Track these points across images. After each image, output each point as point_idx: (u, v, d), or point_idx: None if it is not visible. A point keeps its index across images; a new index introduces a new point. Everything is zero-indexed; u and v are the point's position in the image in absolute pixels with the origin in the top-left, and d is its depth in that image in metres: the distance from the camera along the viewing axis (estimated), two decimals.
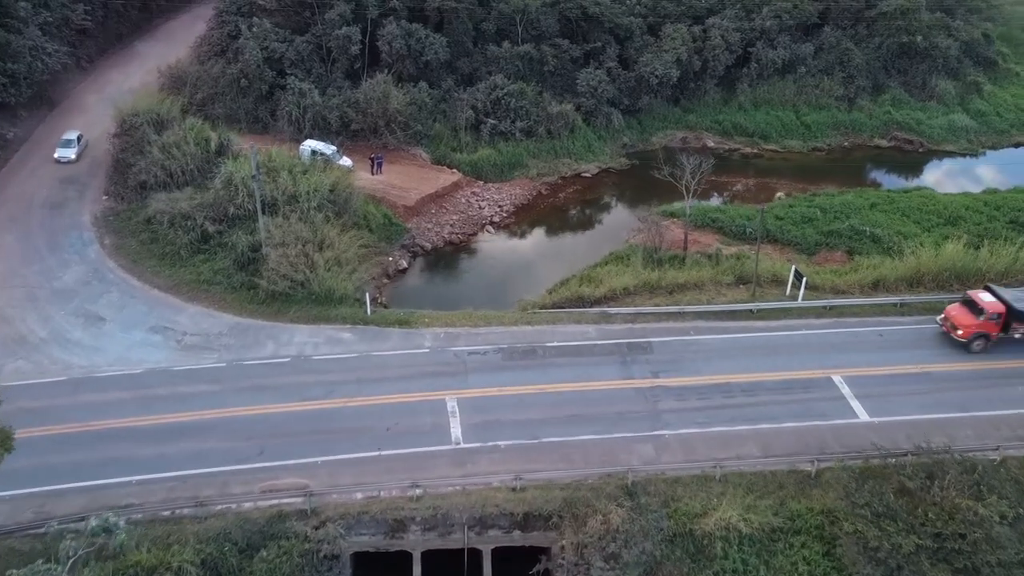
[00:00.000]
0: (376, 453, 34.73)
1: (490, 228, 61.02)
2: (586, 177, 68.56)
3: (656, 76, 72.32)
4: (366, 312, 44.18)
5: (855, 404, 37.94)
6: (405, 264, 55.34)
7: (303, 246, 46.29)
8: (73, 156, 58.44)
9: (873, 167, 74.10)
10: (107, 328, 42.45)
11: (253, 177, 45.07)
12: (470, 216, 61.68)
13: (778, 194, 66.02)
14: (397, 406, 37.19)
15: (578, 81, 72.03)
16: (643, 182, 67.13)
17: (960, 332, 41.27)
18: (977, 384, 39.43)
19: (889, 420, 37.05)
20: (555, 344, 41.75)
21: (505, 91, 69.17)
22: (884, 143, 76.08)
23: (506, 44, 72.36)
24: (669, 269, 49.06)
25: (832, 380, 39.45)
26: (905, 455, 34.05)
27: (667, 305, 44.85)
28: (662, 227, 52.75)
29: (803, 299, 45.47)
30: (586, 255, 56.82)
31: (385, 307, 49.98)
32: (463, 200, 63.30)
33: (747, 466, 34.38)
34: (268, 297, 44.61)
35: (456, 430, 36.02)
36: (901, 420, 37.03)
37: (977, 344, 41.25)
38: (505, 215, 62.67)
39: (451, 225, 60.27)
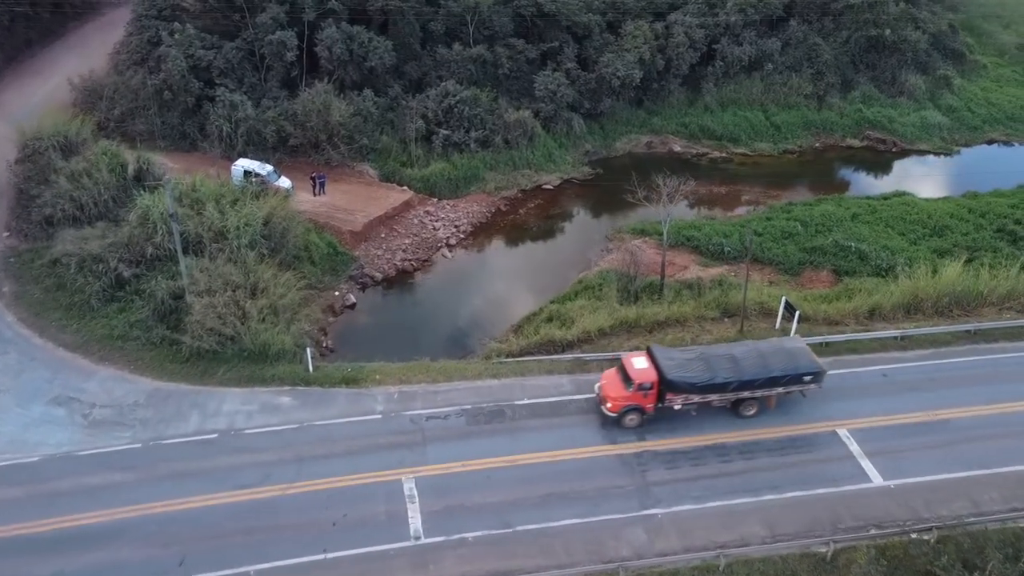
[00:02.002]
0: (321, 556, 29.34)
1: (446, 252, 55.70)
2: (548, 189, 63.60)
3: (618, 77, 67.63)
4: (307, 369, 38.60)
5: (866, 464, 33.76)
6: (353, 299, 49.73)
7: (233, 292, 40.39)
8: None
9: (848, 169, 70.62)
10: (0, 401, 36.14)
11: (171, 216, 38.99)
12: (424, 239, 56.23)
13: (744, 196, 62.64)
14: (346, 491, 31.82)
15: (536, 84, 66.89)
16: (608, 193, 62.54)
17: (609, 405, 34.93)
18: (997, 434, 35.53)
19: (905, 483, 32.97)
20: (525, 402, 36.76)
21: (457, 98, 63.71)
22: (857, 143, 72.71)
23: (457, 46, 66.81)
24: (647, 303, 44.44)
25: (838, 435, 35.24)
26: (930, 529, 29.97)
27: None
28: (636, 253, 47.98)
29: (795, 332, 41.20)
30: (553, 280, 52.18)
31: (331, 350, 44.62)
32: (416, 221, 57.81)
33: (753, 551, 29.92)
34: (193, 355, 38.66)
35: (415, 520, 30.82)
36: (919, 482, 33.00)
37: (630, 419, 34.97)
38: (462, 236, 57.39)
39: (403, 250, 54.76)
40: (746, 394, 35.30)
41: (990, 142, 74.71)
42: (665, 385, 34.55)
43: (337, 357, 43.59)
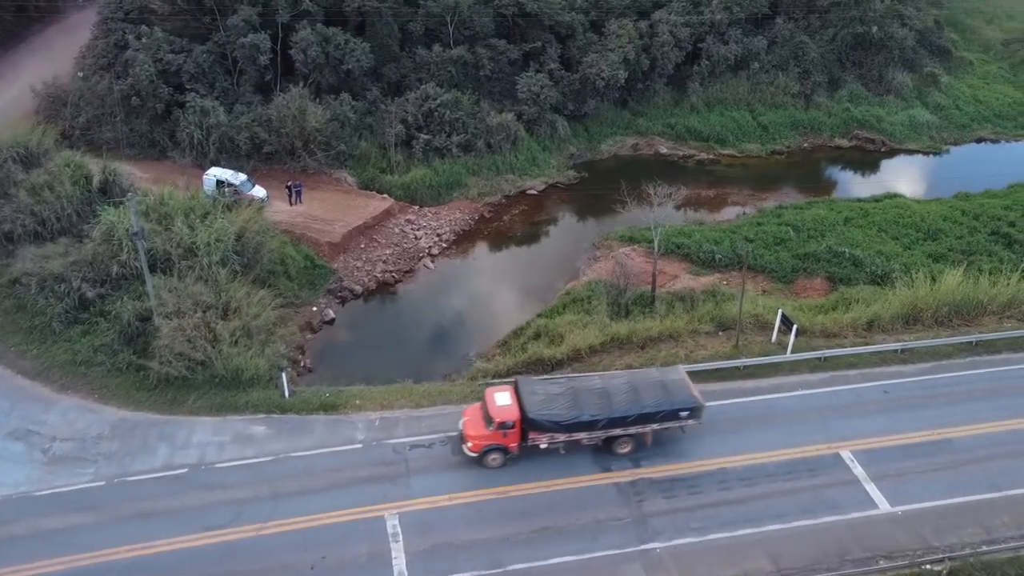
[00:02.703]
0: None
1: (428, 262, 53.73)
2: (532, 195, 61.77)
3: (602, 78, 65.91)
4: (283, 395, 36.55)
5: (871, 489, 32.26)
6: (332, 314, 47.67)
7: (203, 313, 38.26)
8: None
9: (838, 170, 69.38)
10: None
11: (135, 235, 36.76)
12: (405, 249, 54.21)
13: (733, 199, 61.93)
14: (324, 531, 29.88)
15: (518, 86, 65.03)
16: (594, 198, 61.12)
17: (469, 445, 32.40)
18: (1004, 453, 34.16)
19: (913, 509, 31.53)
20: None
21: (438, 101, 61.70)
22: (845, 143, 71.47)
23: (436, 47, 64.77)
24: (638, 316, 42.76)
25: (841, 457, 33.73)
26: (942, 560, 28.54)
27: (641, 366, 38.33)
28: (625, 263, 46.28)
29: (793, 348, 39.67)
30: (540, 291, 50.55)
31: (309, 370, 42.63)
32: (396, 230, 55.77)
33: None
34: (161, 382, 36.46)
35: (399, 561, 28.94)
36: (927, 508, 31.58)
37: (492, 459, 32.42)
38: (445, 245, 55.44)
39: (384, 261, 52.74)
40: (618, 431, 32.73)
41: (979, 140, 73.80)
42: (527, 424, 32.03)
43: (315, 377, 41.72)
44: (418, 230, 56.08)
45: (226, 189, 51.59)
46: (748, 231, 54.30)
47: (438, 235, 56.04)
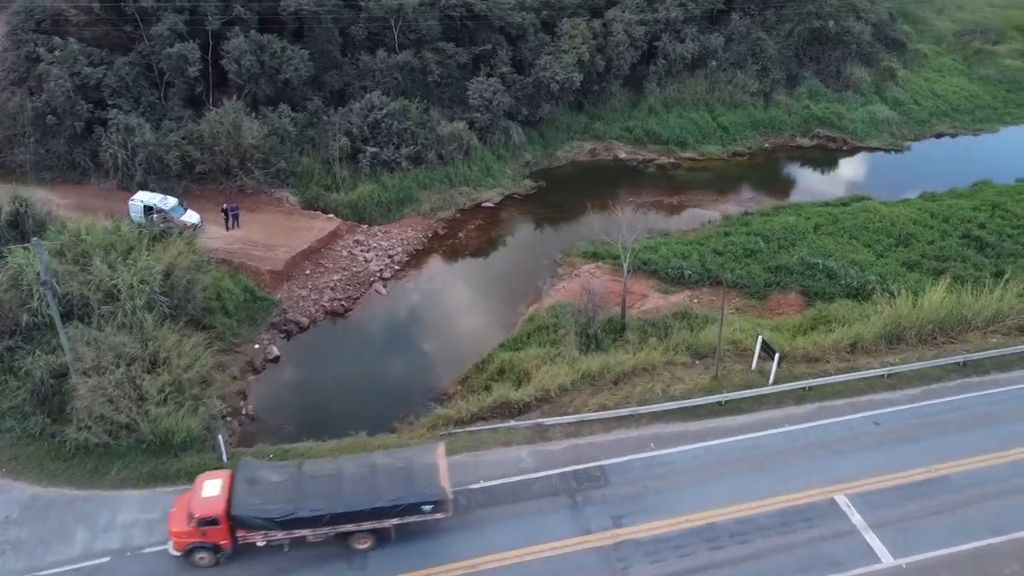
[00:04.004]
0: None
1: (380, 287, 50.05)
2: (488, 207, 58.56)
3: (556, 81, 62.87)
4: (221, 459, 32.65)
5: (872, 539, 29.71)
6: (276, 351, 43.73)
7: (127, 367, 34.12)
8: None
9: (801, 171, 67.63)
10: None
11: (43, 284, 32.42)
12: (354, 273, 50.45)
13: (697, 206, 59.68)
14: None
15: (469, 92, 61.58)
16: (553, 208, 58.53)
17: (172, 542, 28.35)
18: (1004, 490, 31.95)
19: (918, 560, 29.04)
20: (481, 485, 31.56)
21: (384, 111, 57.99)
22: (807, 142, 70.00)
23: (381, 53, 60.95)
24: (609, 345, 39.77)
25: (836, 503, 31.14)
26: None
27: (616, 406, 35.38)
28: (591, 287, 43.22)
29: (776, 378, 37.09)
30: (501, 315, 47.59)
31: (252, 418, 38.80)
32: (344, 253, 51.98)
33: None
34: (80, 450, 32.26)
35: None
36: (932, 558, 29.12)
37: (200, 559, 28.13)
38: (397, 267, 51.78)
39: (331, 289, 48.92)
40: (349, 527, 28.43)
41: (938, 135, 73.02)
42: (232, 520, 27.90)
43: (259, 427, 37.99)
44: (368, 252, 52.39)
45: (155, 216, 47.25)
46: (716, 242, 51.82)
47: (389, 256, 52.41)
